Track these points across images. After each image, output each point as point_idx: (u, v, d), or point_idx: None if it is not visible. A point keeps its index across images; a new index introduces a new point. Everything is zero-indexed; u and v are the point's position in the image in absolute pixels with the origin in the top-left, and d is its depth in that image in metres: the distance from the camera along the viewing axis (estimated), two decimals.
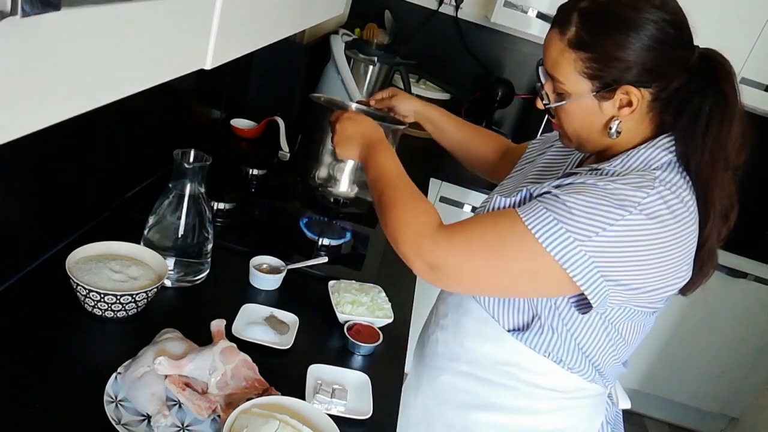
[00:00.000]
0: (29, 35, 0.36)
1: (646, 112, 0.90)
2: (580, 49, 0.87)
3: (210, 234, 1.21)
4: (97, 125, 1.24)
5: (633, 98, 0.87)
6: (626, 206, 0.83)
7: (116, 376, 0.92)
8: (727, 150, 0.89)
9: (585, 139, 0.95)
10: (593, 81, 0.88)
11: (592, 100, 0.89)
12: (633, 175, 0.86)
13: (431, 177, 2.35)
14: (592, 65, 0.87)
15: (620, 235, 0.83)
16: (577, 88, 0.89)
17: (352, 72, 2.25)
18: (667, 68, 0.87)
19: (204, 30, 0.64)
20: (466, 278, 0.92)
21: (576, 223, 0.84)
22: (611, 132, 0.90)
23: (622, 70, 0.86)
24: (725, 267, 2.57)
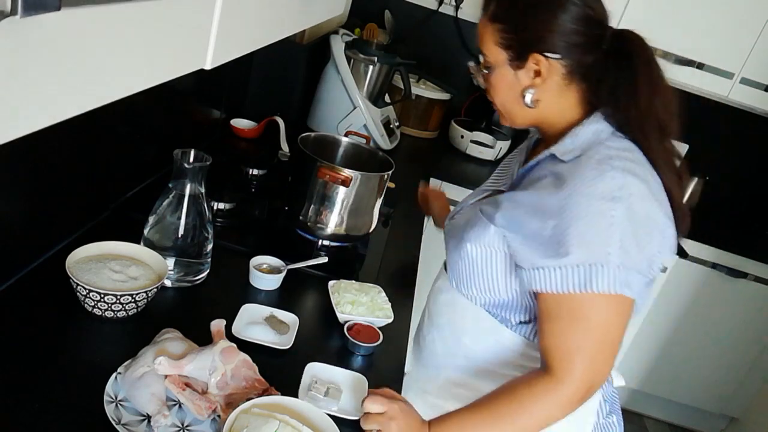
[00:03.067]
0: (29, 35, 0.36)
1: (565, 84, 0.98)
2: (497, 21, 0.97)
3: (210, 234, 1.21)
4: (97, 125, 1.24)
5: (542, 67, 0.95)
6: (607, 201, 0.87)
7: (116, 376, 0.92)
8: (657, 117, 0.94)
9: (511, 111, 1.03)
10: (508, 51, 0.97)
11: (509, 70, 0.98)
12: (590, 166, 0.90)
13: (431, 177, 2.35)
14: (505, 35, 0.97)
15: (622, 230, 0.87)
16: (496, 59, 0.99)
17: (352, 72, 2.25)
18: (577, 43, 0.94)
19: (204, 30, 0.64)
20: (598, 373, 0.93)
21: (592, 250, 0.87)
22: (526, 101, 0.98)
23: (531, 40, 0.95)
24: (725, 267, 2.57)
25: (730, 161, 2.91)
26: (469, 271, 1.04)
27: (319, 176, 1.38)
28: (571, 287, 0.89)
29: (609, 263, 0.87)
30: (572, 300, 0.90)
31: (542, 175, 0.96)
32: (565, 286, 0.89)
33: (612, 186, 0.87)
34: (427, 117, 2.71)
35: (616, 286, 0.87)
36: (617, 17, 2.33)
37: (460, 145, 2.67)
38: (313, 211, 1.44)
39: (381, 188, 1.48)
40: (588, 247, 0.87)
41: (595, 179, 0.88)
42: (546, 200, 0.92)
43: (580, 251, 0.87)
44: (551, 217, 0.90)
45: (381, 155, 1.59)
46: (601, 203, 0.87)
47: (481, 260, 1.01)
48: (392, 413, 0.92)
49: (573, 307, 0.90)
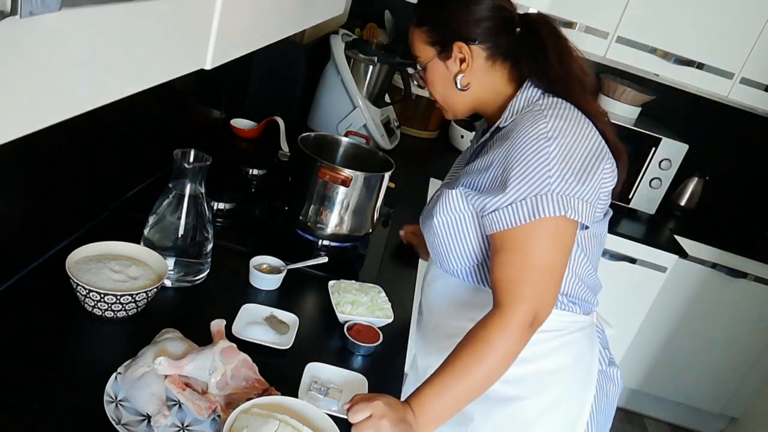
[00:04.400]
0: (29, 35, 0.36)
1: (490, 66, 1.10)
2: (422, 24, 1.11)
3: (210, 234, 1.21)
4: (97, 125, 1.24)
5: (465, 54, 1.08)
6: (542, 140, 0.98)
7: (116, 376, 0.92)
8: (575, 76, 1.07)
9: (449, 100, 1.15)
10: (435, 46, 1.10)
11: (439, 64, 1.11)
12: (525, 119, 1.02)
13: (431, 177, 2.35)
14: (430, 34, 1.10)
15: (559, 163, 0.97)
16: (427, 56, 1.12)
17: (352, 72, 2.25)
18: (491, 27, 1.07)
19: (204, 30, 0.64)
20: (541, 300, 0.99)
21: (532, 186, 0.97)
22: (458, 85, 1.10)
23: (452, 31, 1.08)
24: (725, 267, 2.57)
25: (730, 161, 2.91)
26: (445, 242, 1.12)
27: (319, 176, 1.38)
28: (520, 220, 0.97)
29: (551, 191, 0.96)
30: (514, 232, 0.99)
31: (490, 145, 1.09)
32: (516, 218, 0.98)
33: (546, 128, 0.99)
34: (427, 117, 2.71)
35: (561, 210, 0.96)
36: (617, 17, 2.33)
37: (460, 145, 2.67)
38: (313, 211, 1.44)
39: (381, 188, 1.48)
40: (530, 181, 0.97)
41: (529, 126, 1.00)
42: (493, 156, 1.04)
43: (524, 186, 0.97)
44: (498, 166, 1.02)
45: (381, 155, 1.59)
46: (537, 142, 0.98)
47: (451, 226, 1.10)
48: (379, 412, 0.93)
49: (514, 239, 0.99)
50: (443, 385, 0.96)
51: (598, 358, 1.17)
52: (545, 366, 1.12)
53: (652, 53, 2.38)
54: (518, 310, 0.97)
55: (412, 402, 0.97)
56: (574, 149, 0.99)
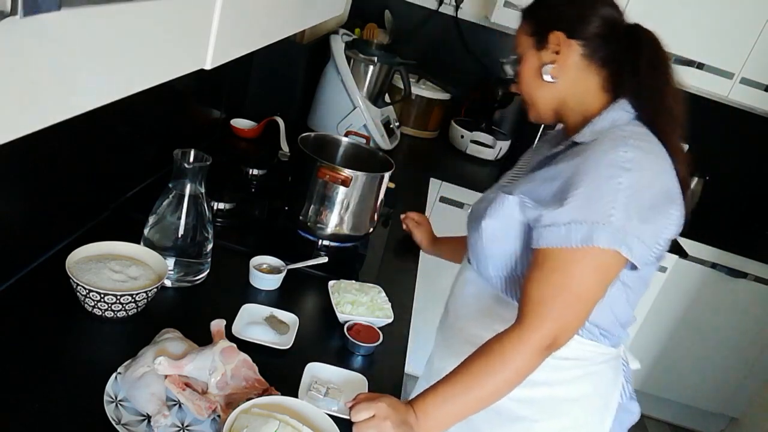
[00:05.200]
0: (29, 35, 0.36)
1: (584, 66, 1.05)
2: (527, 16, 1.10)
3: (210, 234, 1.21)
4: (97, 125, 1.24)
5: (561, 42, 1.04)
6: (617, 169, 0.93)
7: (116, 376, 0.92)
8: (671, 109, 1.02)
9: (535, 95, 1.10)
10: (534, 36, 1.07)
11: (534, 54, 1.08)
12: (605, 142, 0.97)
13: (431, 177, 2.35)
14: (532, 24, 1.08)
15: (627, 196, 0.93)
16: (524, 47, 1.09)
17: (352, 72, 2.25)
18: (593, 24, 1.03)
19: (204, 30, 0.64)
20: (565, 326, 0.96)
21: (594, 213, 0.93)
22: (546, 76, 1.06)
23: (551, 19, 1.05)
24: (725, 267, 2.57)
25: (730, 161, 2.91)
26: (488, 246, 1.08)
27: (319, 176, 1.38)
28: (574, 241, 0.93)
29: (610, 223, 0.92)
30: (560, 252, 0.95)
31: (562, 158, 1.03)
32: (567, 240, 0.94)
33: (624, 157, 0.93)
34: (427, 117, 2.71)
35: (615, 244, 0.92)
36: None
37: (460, 145, 2.67)
38: (313, 211, 1.44)
39: (381, 188, 1.48)
40: (592, 207, 0.92)
41: (608, 150, 0.95)
42: (561, 169, 0.99)
43: (585, 209, 0.93)
44: (563, 181, 0.97)
45: (381, 155, 1.59)
46: (611, 170, 0.93)
47: (499, 231, 1.06)
48: (382, 413, 0.92)
49: (557, 259, 0.95)
50: (450, 393, 0.95)
51: (620, 391, 1.15)
52: (563, 392, 1.10)
53: None
54: (540, 330, 0.94)
55: (416, 405, 0.95)
56: (646, 187, 0.94)
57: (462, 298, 1.20)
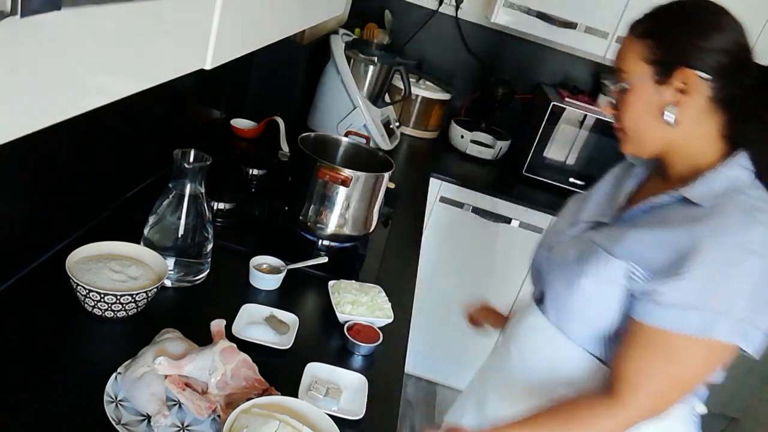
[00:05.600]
0: (29, 35, 0.36)
1: (708, 110, 0.92)
2: (646, 37, 0.93)
3: (210, 234, 1.21)
4: (97, 125, 1.24)
5: (690, 82, 0.89)
6: (748, 254, 0.84)
7: (116, 376, 0.92)
8: None
9: (642, 133, 0.96)
10: (654, 65, 0.92)
11: (650, 87, 0.93)
12: (733, 215, 0.86)
13: (431, 177, 2.35)
14: (654, 50, 0.92)
15: (755, 284, 0.84)
16: (638, 74, 0.93)
17: (352, 72, 2.25)
18: (726, 66, 0.89)
19: (204, 30, 0.64)
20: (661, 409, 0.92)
21: (715, 300, 0.84)
22: (667, 117, 0.91)
23: (681, 54, 0.90)
24: None
25: None
26: (581, 305, 0.98)
27: (319, 176, 1.38)
28: (689, 330, 0.85)
29: (733, 314, 0.83)
30: (676, 339, 0.86)
31: (672, 218, 0.91)
32: (682, 327, 0.86)
33: (754, 239, 0.84)
34: (427, 117, 2.71)
35: (735, 338, 0.84)
36: (617, 17, 2.33)
37: (460, 145, 2.67)
38: (313, 211, 1.44)
39: (381, 188, 1.48)
40: (716, 294, 0.84)
41: (737, 229, 0.85)
42: (680, 240, 0.87)
43: (706, 295, 0.84)
44: (684, 256, 0.86)
45: (381, 155, 1.59)
46: (739, 253, 0.84)
47: (598, 295, 0.96)
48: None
49: (674, 347, 0.87)
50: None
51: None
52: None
53: None
54: (636, 411, 0.89)
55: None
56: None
57: (531, 343, 1.10)
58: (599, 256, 0.95)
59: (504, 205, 2.36)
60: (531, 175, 2.53)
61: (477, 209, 2.39)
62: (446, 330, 2.58)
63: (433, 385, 2.78)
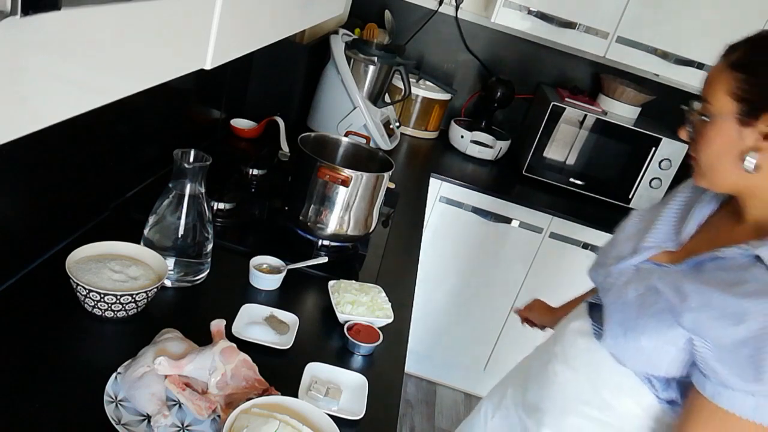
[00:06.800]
0: (29, 35, 0.36)
1: None
2: (738, 70, 0.86)
3: (210, 234, 1.21)
4: (97, 125, 1.24)
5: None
6: None
7: (116, 376, 0.92)
8: None
9: (717, 170, 0.91)
10: (741, 103, 0.86)
11: (733, 125, 0.87)
12: None
13: (431, 177, 2.34)
14: (744, 86, 0.85)
15: None
16: (722, 109, 0.87)
17: (352, 72, 2.25)
18: None
19: (204, 30, 0.64)
20: None
21: None
22: (746, 164, 0.85)
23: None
24: None
25: None
26: (635, 352, 0.94)
27: (319, 176, 1.38)
28: (758, 419, 0.81)
29: None
30: (736, 421, 0.82)
31: (744, 280, 0.84)
32: (753, 415, 0.81)
33: None
34: (427, 117, 2.71)
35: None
36: (617, 17, 2.33)
37: (460, 145, 2.67)
38: (313, 211, 1.44)
39: (381, 188, 1.48)
40: None
41: None
42: (751, 314, 0.80)
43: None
44: (755, 334, 0.79)
45: (381, 155, 1.59)
46: None
47: (654, 350, 0.91)
48: None
49: (731, 426, 0.83)
50: None
51: None
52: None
53: (652, 53, 2.37)
54: None
55: None
56: None
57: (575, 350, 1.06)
58: (662, 317, 0.89)
59: (504, 205, 2.36)
60: (531, 175, 2.53)
61: (477, 209, 2.39)
62: (446, 330, 2.58)
63: (433, 385, 2.78)
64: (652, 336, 0.90)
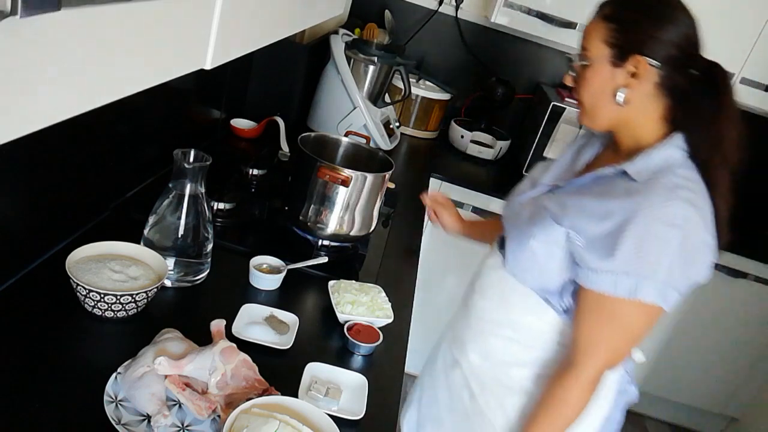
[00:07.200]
0: (29, 35, 0.36)
1: (654, 94, 1.03)
2: (610, 21, 1.03)
3: (210, 234, 1.21)
4: (97, 125, 1.24)
5: (641, 69, 1.00)
6: (667, 226, 0.95)
7: (116, 376, 0.92)
8: (725, 148, 1.03)
9: (597, 108, 1.07)
10: (612, 48, 1.02)
11: (607, 67, 1.03)
12: (659, 192, 0.97)
13: (431, 177, 2.34)
14: (614, 34, 1.02)
15: (673, 253, 0.96)
16: (598, 54, 1.04)
17: (352, 72, 2.25)
18: (674, 57, 1.00)
19: (204, 30, 0.64)
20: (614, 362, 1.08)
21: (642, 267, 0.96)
22: (618, 98, 1.03)
23: (637, 41, 1.00)
24: (725, 267, 2.57)
25: None
26: (530, 262, 1.11)
27: (319, 176, 1.38)
28: (620, 292, 0.98)
29: (656, 279, 0.96)
30: (614, 302, 1.00)
31: (612, 190, 1.03)
32: (614, 290, 0.98)
33: (675, 214, 0.95)
34: (427, 117, 2.71)
35: (657, 299, 0.97)
36: None
37: (460, 145, 2.67)
38: (313, 211, 1.44)
39: (381, 188, 1.48)
40: (641, 262, 0.96)
41: (661, 205, 0.96)
42: (614, 212, 0.99)
43: (634, 263, 0.96)
44: (616, 227, 0.98)
45: (381, 155, 1.59)
46: (662, 227, 0.95)
47: (543, 254, 1.08)
48: None
49: (613, 308, 1.01)
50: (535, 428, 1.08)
51: (618, 379, 1.21)
52: None
53: None
54: (592, 369, 1.04)
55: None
56: (691, 243, 0.97)
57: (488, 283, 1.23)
58: (547, 222, 1.07)
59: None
60: None
61: (477, 209, 2.39)
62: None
63: None
64: (539, 237, 1.07)
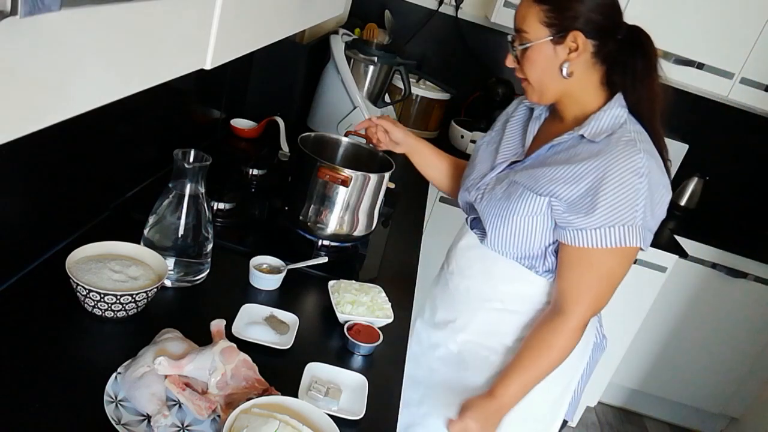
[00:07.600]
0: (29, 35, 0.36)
1: (592, 63, 1.13)
2: (542, 2, 1.11)
3: (210, 234, 1.21)
4: (97, 125, 1.24)
5: (579, 42, 1.10)
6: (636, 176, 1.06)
7: (116, 376, 0.92)
8: (659, 100, 1.15)
9: (544, 84, 1.16)
10: (550, 28, 1.11)
11: (549, 46, 1.12)
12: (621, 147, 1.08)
13: None
14: (550, 15, 1.10)
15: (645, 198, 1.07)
16: (538, 35, 1.12)
17: (352, 72, 2.25)
18: (603, 26, 1.11)
19: (204, 30, 0.64)
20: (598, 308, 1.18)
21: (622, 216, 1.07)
22: (563, 72, 1.12)
23: (573, 19, 1.09)
24: (725, 267, 2.57)
25: (730, 161, 2.91)
26: (514, 236, 1.18)
27: (319, 176, 1.38)
28: (607, 243, 1.08)
29: (635, 224, 1.06)
30: (596, 253, 1.09)
31: (576, 154, 1.12)
32: (601, 242, 1.08)
33: (640, 164, 1.06)
34: (427, 117, 2.71)
35: (640, 241, 1.08)
36: None
37: (460, 145, 2.67)
38: (313, 211, 1.44)
39: (381, 188, 1.48)
40: (620, 211, 1.06)
41: (627, 158, 1.07)
42: (584, 173, 1.09)
43: (613, 214, 1.06)
44: (592, 186, 1.08)
45: (381, 155, 1.58)
46: (632, 177, 1.06)
47: (527, 226, 1.16)
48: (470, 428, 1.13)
49: (597, 259, 1.10)
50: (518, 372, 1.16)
51: (594, 333, 1.30)
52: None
53: None
54: (581, 315, 1.13)
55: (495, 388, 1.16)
56: (655, 185, 1.08)
57: (466, 260, 1.30)
58: (525, 195, 1.15)
59: None
60: None
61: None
62: None
63: None
64: (521, 211, 1.15)
